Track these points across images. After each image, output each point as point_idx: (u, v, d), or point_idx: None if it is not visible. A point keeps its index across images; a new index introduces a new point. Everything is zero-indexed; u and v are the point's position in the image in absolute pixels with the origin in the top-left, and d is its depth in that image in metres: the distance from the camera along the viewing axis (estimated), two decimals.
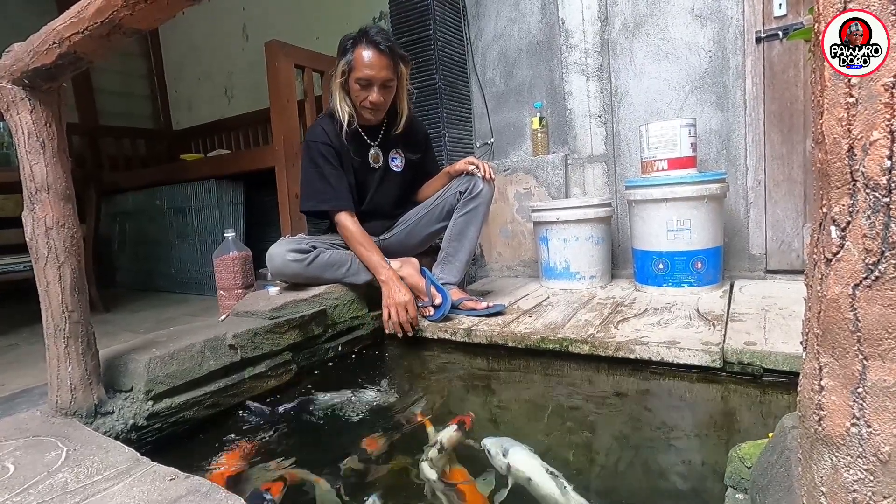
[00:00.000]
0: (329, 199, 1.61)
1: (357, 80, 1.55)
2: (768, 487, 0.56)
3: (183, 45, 4.16)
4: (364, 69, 1.53)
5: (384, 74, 1.54)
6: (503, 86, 2.49)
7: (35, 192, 0.93)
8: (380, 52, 1.52)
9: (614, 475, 0.86)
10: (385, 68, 1.53)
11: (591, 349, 1.29)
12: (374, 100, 1.56)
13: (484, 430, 1.04)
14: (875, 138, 0.35)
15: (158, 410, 1.04)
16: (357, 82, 1.55)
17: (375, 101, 1.56)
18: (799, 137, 1.82)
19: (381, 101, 1.58)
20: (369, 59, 1.52)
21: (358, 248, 1.59)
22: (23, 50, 0.89)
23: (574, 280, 1.96)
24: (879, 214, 0.35)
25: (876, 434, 0.37)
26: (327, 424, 1.12)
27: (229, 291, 1.75)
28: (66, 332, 0.95)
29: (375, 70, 1.53)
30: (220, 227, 2.55)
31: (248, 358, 1.22)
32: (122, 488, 0.68)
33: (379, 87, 1.56)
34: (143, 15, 0.76)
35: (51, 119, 0.94)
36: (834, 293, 0.38)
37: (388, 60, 1.53)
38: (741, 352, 1.13)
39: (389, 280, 1.54)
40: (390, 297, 1.53)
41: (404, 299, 1.52)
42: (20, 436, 0.87)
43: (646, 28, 2.07)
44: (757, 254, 1.96)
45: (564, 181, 2.27)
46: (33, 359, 1.59)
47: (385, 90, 1.58)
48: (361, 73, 1.53)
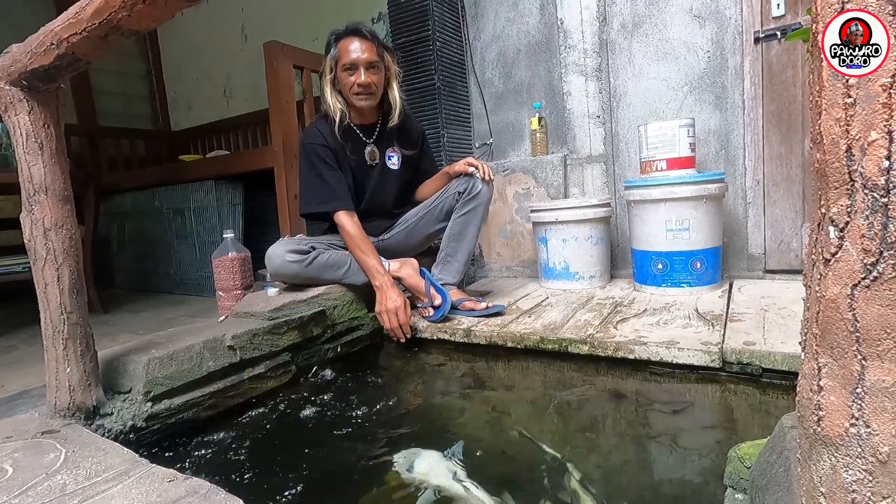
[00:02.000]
0: (328, 200, 1.60)
1: (343, 68, 1.57)
2: (768, 487, 0.56)
3: (182, 45, 4.15)
4: (348, 55, 1.56)
5: (367, 56, 1.56)
6: (502, 86, 2.49)
7: (33, 193, 0.93)
8: (361, 37, 1.56)
9: (613, 475, 0.86)
10: (367, 50, 1.56)
11: (591, 349, 1.29)
12: (361, 81, 1.56)
13: (482, 432, 1.04)
14: (873, 139, 0.35)
15: (157, 412, 1.04)
16: (344, 70, 1.57)
17: (363, 82, 1.57)
18: (797, 137, 1.83)
19: (369, 83, 1.58)
20: (352, 45, 1.56)
21: (355, 251, 1.59)
22: (21, 51, 0.88)
23: (573, 280, 1.96)
24: (877, 215, 0.35)
25: (875, 434, 0.37)
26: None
27: (228, 292, 1.75)
28: (65, 333, 0.95)
29: (359, 52, 1.55)
30: (219, 227, 2.55)
31: (248, 359, 1.22)
32: (120, 490, 0.68)
33: (365, 69, 1.57)
34: (141, 16, 0.76)
35: (49, 120, 0.94)
36: (832, 293, 0.38)
37: (370, 43, 1.57)
38: (740, 352, 1.13)
39: (384, 286, 1.54)
40: (382, 304, 1.52)
41: (396, 305, 1.51)
42: (19, 437, 0.87)
43: (644, 28, 2.07)
44: (756, 254, 1.96)
45: (563, 181, 2.27)
46: (32, 360, 1.58)
47: (372, 71, 1.58)
48: (347, 59, 1.56)
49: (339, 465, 0.96)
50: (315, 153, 1.60)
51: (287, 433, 1.15)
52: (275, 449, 1.05)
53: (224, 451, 1.08)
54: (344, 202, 1.61)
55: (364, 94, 1.59)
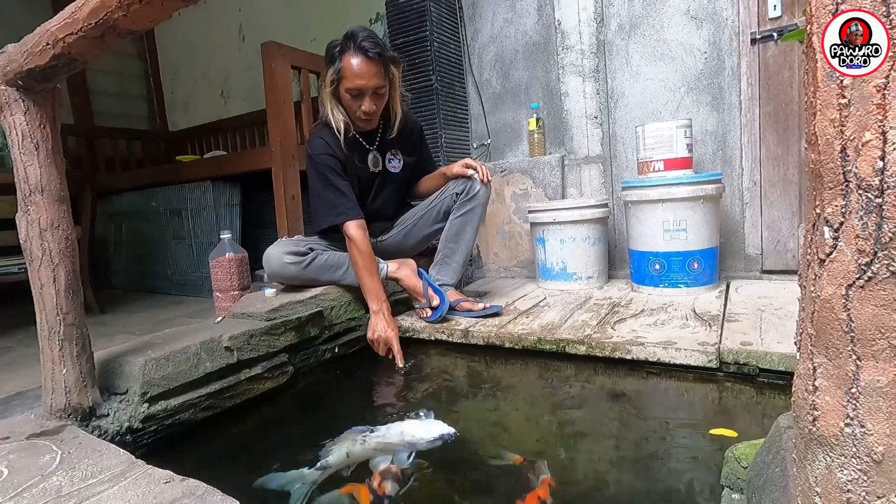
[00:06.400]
0: (343, 211, 1.54)
1: (348, 90, 1.50)
2: (764, 488, 0.56)
3: (179, 46, 4.15)
4: (354, 79, 1.47)
5: (375, 82, 1.49)
6: (500, 87, 2.49)
7: (29, 193, 0.93)
8: (369, 60, 1.46)
9: (610, 475, 0.86)
10: (375, 76, 1.48)
11: (588, 350, 1.29)
12: (366, 109, 1.52)
13: (483, 430, 1.04)
14: (867, 139, 0.35)
15: (154, 413, 1.04)
16: (348, 92, 1.50)
17: (368, 111, 1.52)
18: (794, 138, 1.83)
19: (374, 110, 1.54)
20: (359, 68, 1.46)
21: (359, 270, 1.51)
22: (17, 51, 0.88)
23: (571, 281, 1.96)
24: (872, 215, 0.36)
25: (869, 434, 0.38)
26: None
27: (225, 293, 1.75)
28: (61, 334, 0.94)
29: (366, 79, 1.47)
30: (217, 228, 2.54)
31: (245, 360, 1.22)
32: (116, 491, 0.68)
33: (371, 96, 1.51)
34: (137, 16, 0.76)
35: (45, 120, 0.93)
36: (827, 294, 0.38)
37: (377, 67, 1.48)
38: (737, 352, 1.13)
39: (379, 312, 1.48)
40: (374, 331, 1.47)
41: (387, 336, 1.45)
42: (14, 439, 0.87)
43: (641, 29, 2.08)
44: (753, 254, 1.96)
45: (561, 182, 2.27)
46: (28, 361, 1.58)
47: (377, 97, 1.53)
48: (352, 84, 1.48)
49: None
50: (325, 164, 1.55)
51: (284, 434, 1.15)
52: (271, 450, 1.05)
53: (221, 452, 1.08)
54: (356, 212, 1.55)
55: (367, 119, 1.56)
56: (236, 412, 1.18)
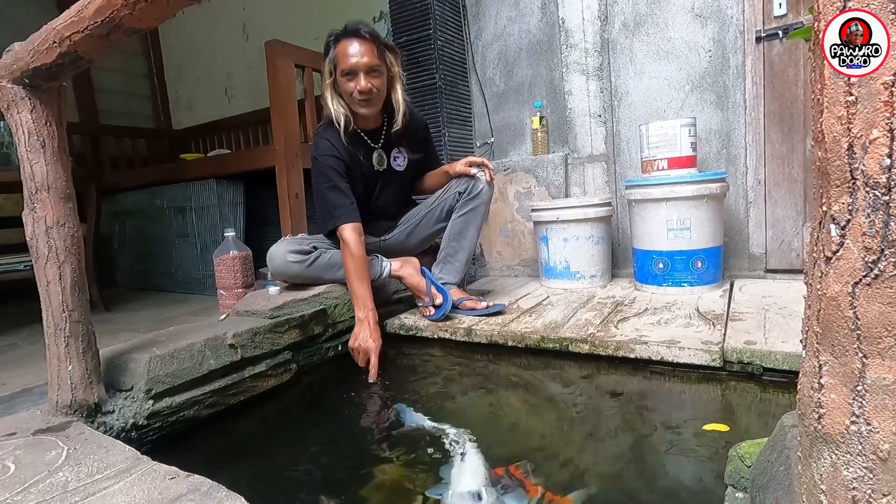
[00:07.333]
0: (340, 213, 1.54)
1: (343, 74, 1.50)
2: (768, 486, 0.56)
3: (183, 44, 4.16)
4: (347, 59, 1.48)
5: (367, 60, 1.48)
6: (503, 85, 2.49)
7: (35, 191, 0.93)
8: (360, 38, 1.47)
9: (614, 474, 0.86)
10: (367, 53, 1.48)
11: (591, 348, 1.29)
12: (362, 87, 1.49)
13: (484, 430, 1.04)
14: (874, 136, 0.35)
15: (159, 409, 1.04)
16: (344, 76, 1.50)
17: (364, 88, 1.49)
18: (799, 137, 1.82)
19: (369, 88, 1.50)
20: (351, 48, 1.48)
21: (350, 276, 1.48)
22: (23, 49, 0.89)
23: (574, 279, 1.96)
24: (879, 213, 0.35)
25: (875, 432, 0.37)
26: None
27: (229, 291, 1.75)
28: (67, 331, 0.95)
29: (358, 56, 1.47)
30: (221, 226, 2.55)
31: (249, 357, 1.23)
32: (122, 487, 0.69)
33: (365, 74, 1.49)
34: (143, 14, 0.76)
35: (51, 118, 0.94)
36: (833, 291, 0.38)
37: (369, 45, 1.48)
38: (741, 351, 1.13)
39: (365, 320, 1.43)
40: (355, 339, 1.42)
41: (366, 346, 1.39)
42: (21, 435, 0.88)
43: (646, 27, 2.07)
44: (757, 253, 1.96)
45: (564, 181, 2.27)
46: (33, 358, 1.59)
47: (372, 76, 1.51)
48: (346, 64, 1.48)
49: (339, 461, 0.96)
50: (329, 166, 1.54)
51: (288, 431, 1.15)
52: (276, 446, 1.05)
53: (225, 448, 1.09)
54: (353, 216, 1.54)
55: (365, 100, 1.53)
56: (240, 409, 1.19)
